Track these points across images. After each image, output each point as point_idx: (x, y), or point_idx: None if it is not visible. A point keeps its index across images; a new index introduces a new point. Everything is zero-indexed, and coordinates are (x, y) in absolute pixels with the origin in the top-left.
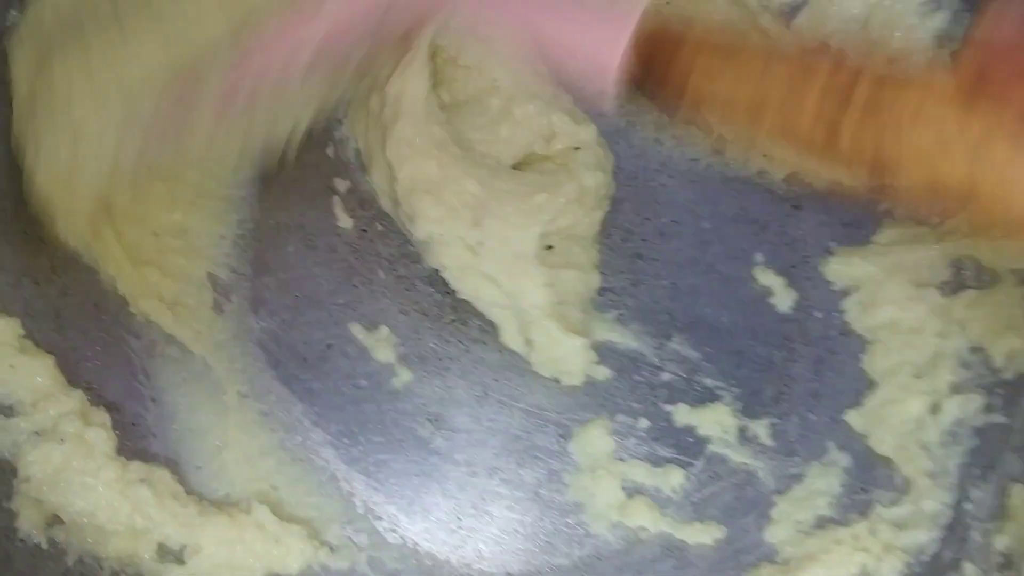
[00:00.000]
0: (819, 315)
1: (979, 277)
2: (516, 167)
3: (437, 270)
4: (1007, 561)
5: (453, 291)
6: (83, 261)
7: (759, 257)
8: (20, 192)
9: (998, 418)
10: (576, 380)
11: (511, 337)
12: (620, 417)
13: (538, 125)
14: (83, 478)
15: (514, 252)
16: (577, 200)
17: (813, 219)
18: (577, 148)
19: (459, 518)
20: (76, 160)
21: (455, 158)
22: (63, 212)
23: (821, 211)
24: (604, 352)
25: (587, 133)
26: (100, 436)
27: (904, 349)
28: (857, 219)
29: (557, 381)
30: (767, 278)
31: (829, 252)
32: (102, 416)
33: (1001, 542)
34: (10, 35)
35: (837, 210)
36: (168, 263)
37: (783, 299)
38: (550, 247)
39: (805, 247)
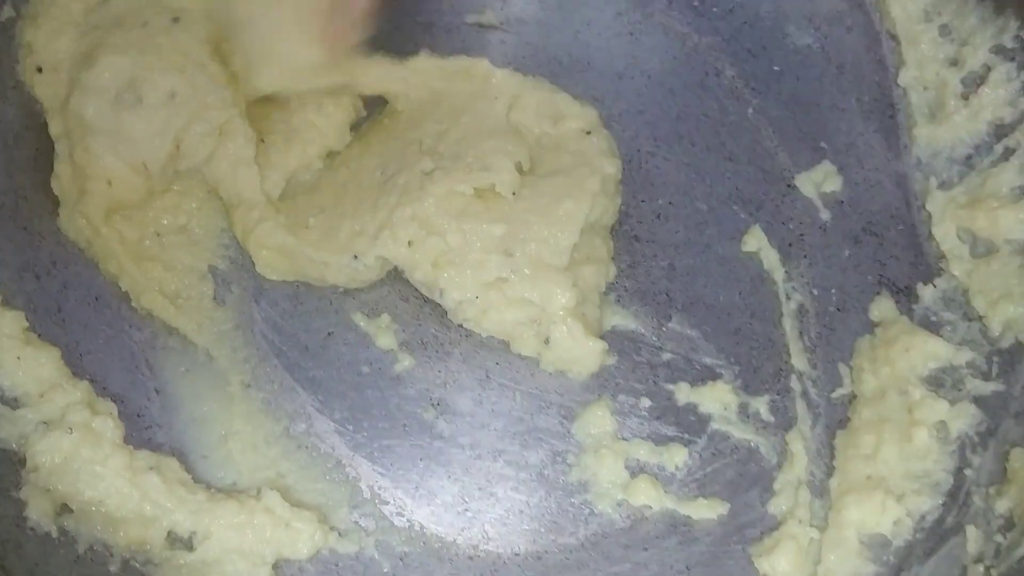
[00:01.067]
0: (816, 292)
1: (975, 248)
2: (531, 172)
3: None
4: (1008, 523)
5: None
6: (84, 256)
7: (755, 236)
8: (19, 188)
9: (996, 385)
10: (585, 375)
11: (524, 346)
12: (622, 397)
13: (546, 108)
14: (91, 467)
15: (546, 265)
16: (601, 191)
17: (808, 198)
18: (588, 132)
19: (465, 500)
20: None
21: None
22: (75, 208)
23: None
24: (605, 335)
25: (592, 115)
26: (107, 425)
27: None
28: None
29: (563, 373)
30: (764, 256)
31: (824, 230)
32: (108, 406)
33: (1002, 505)
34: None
35: None
36: (170, 258)
37: (780, 277)
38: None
39: (801, 225)
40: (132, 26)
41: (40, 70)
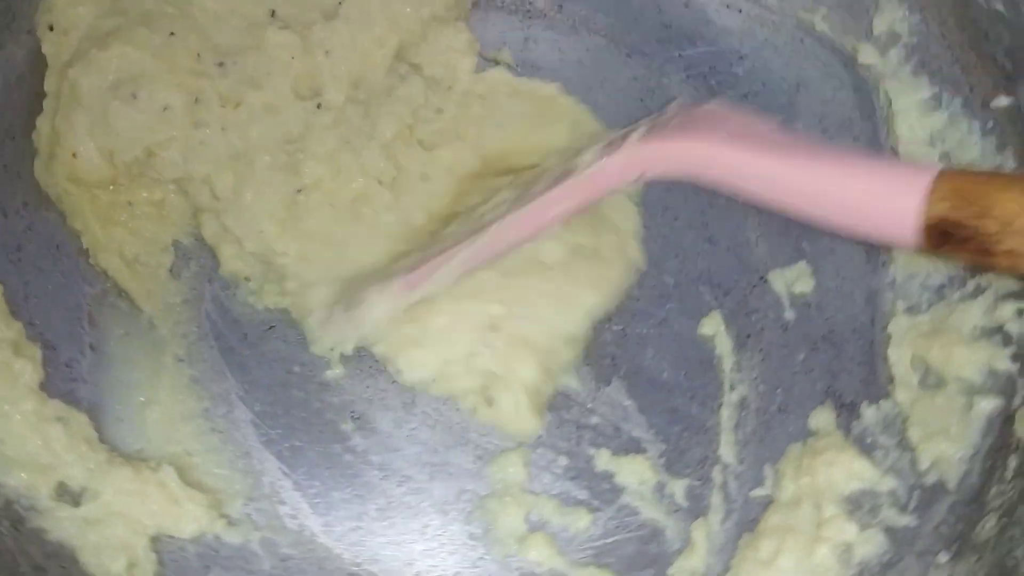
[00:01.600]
0: (762, 388)
1: (925, 378)
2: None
3: None
4: None
5: None
6: (54, 206)
7: (714, 321)
8: (10, 128)
9: (910, 520)
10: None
11: (464, 399)
12: (541, 451)
13: None
14: (1, 405)
15: (528, 343)
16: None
17: (777, 294)
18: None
19: (361, 517)
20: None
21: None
22: (45, 165)
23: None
24: None
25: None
26: (27, 369)
27: None
28: None
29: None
30: (719, 343)
31: (786, 329)
32: (34, 351)
33: None
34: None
35: None
36: (137, 226)
37: (729, 365)
38: None
39: (763, 320)
40: (159, 30)
41: (51, 28)
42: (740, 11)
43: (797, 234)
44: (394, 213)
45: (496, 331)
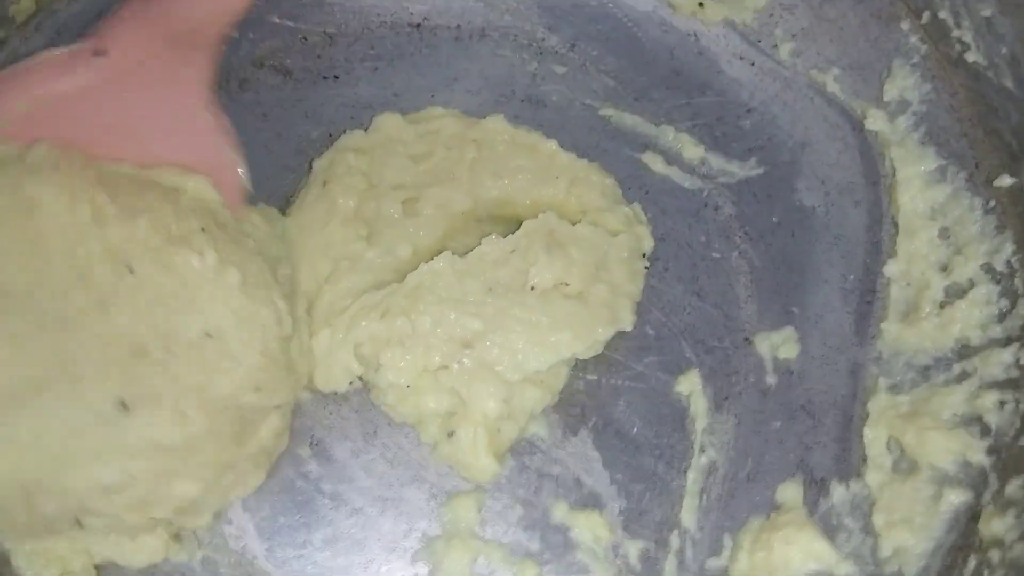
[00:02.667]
0: (732, 454)
1: (898, 463)
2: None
3: None
4: None
5: None
6: None
7: (692, 379)
8: None
9: None
10: (469, 484)
11: (425, 431)
12: (497, 496)
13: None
14: None
15: (494, 372)
16: (603, 338)
17: (760, 357)
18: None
19: (305, 546)
20: None
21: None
22: None
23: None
24: None
25: (645, 236)
26: None
27: None
28: None
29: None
30: (694, 402)
31: (765, 395)
32: None
33: None
34: None
35: None
36: None
37: (702, 426)
38: None
39: (743, 383)
40: None
41: None
42: (752, 64)
43: (787, 298)
44: (379, 247)
45: (470, 348)
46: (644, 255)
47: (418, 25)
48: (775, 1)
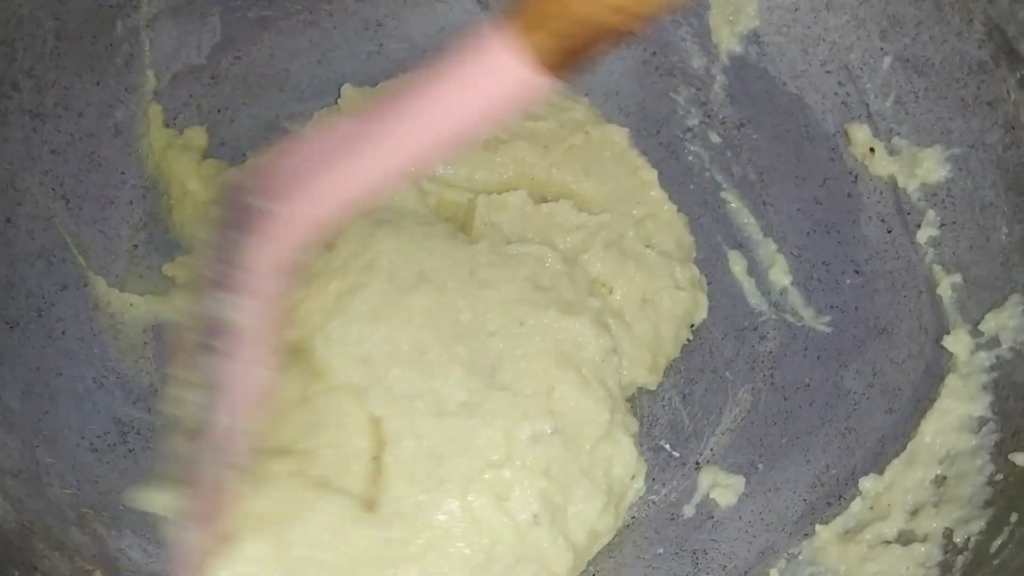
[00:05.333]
0: None
1: None
2: None
3: None
4: None
5: None
6: None
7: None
8: None
9: None
10: None
11: None
12: None
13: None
14: None
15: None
16: None
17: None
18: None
19: None
20: None
21: None
22: None
23: None
24: None
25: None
26: None
27: None
28: None
29: None
30: None
31: (673, 519)
32: None
33: None
34: None
35: None
36: None
37: None
38: None
39: (665, 500)
40: None
41: None
42: (889, 231)
43: (760, 452)
44: None
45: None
46: (692, 325)
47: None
48: (944, 186)
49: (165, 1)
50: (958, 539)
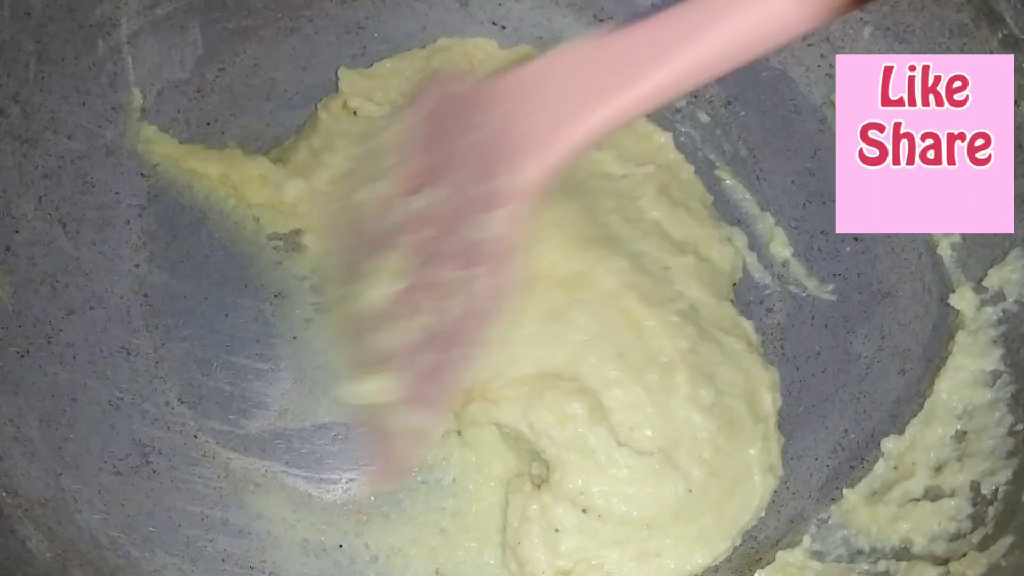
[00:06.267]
0: None
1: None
2: None
3: None
4: None
5: None
6: None
7: None
8: None
9: None
10: None
11: None
12: None
13: None
14: None
15: None
16: None
17: None
18: None
19: None
20: None
21: None
22: None
23: None
24: None
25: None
26: None
27: None
28: None
29: None
30: None
31: None
32: None
33: None
34: None
35: None
36: None
37: None
38: None
39: None
40: None
41: None
42: None
43: (781, 425)
44: None
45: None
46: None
47: (602, 20)
48: None
49: (145, 17)
50: (986, 491)
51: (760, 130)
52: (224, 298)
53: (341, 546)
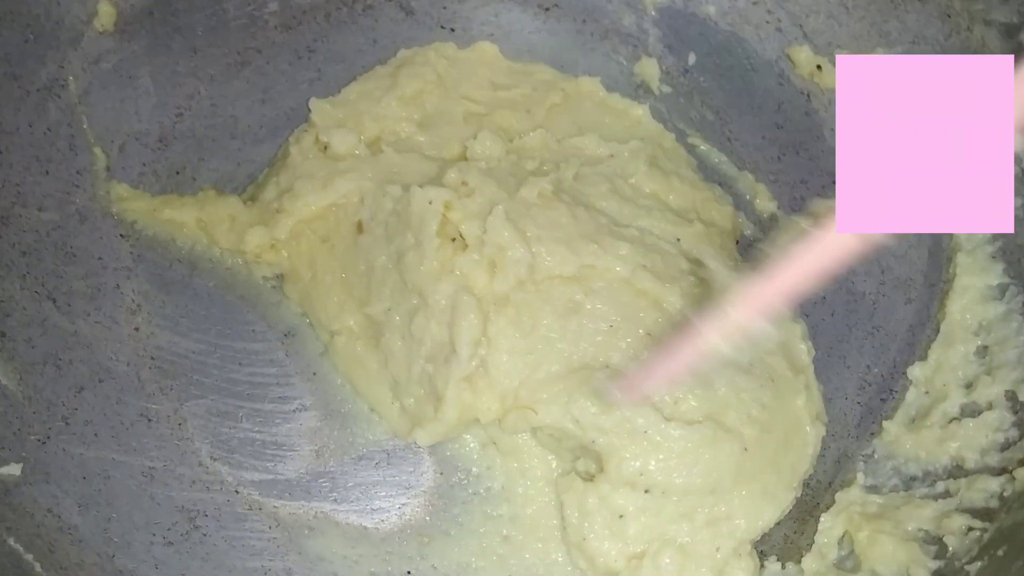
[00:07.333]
0: None
1: (843, 560)
2: None
3: None
4: None
5: None
6: None
7: None
8: None
9: None
10: None
11: None
12: None
13: None
14: None
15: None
16: None
17: None
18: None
19: None
20: None
21: None
22: None
23: None
24: None
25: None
26: None
27: None
28: None
29: None
30: None
31: None
32: None
33: None
34: None
35: None
36: None
37: None
38: None
39: None
40: None
41: None
42: None
43: None
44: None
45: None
46: (737, 241)
47: (548, 8)
48: None
49: (91, 73)
50: (1023, 396)
51: (722, 92)
52: (234, 347)
53: (409, 572)
